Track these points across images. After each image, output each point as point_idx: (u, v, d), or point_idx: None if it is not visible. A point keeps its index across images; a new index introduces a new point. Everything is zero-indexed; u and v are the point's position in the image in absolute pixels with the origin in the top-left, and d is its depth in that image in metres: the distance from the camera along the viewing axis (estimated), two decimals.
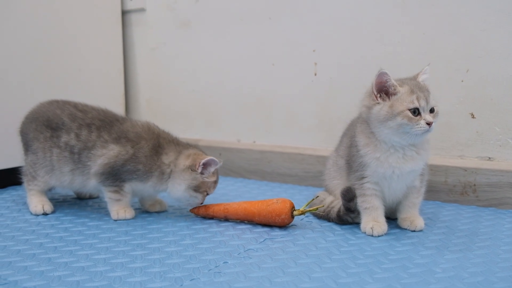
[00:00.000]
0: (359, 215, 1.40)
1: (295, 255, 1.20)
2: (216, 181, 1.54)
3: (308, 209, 1.42)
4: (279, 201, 1.42)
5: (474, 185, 1.62)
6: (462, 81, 1.67)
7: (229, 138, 2.22)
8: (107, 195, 1.50)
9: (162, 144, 1.52)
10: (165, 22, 2.33)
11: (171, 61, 2.34)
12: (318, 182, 1.83)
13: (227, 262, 1.16)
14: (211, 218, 1.52)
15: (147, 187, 1.51)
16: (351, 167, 1.40)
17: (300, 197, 1.76)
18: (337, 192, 1.47)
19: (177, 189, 1.49)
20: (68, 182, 1.54)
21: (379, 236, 1.33)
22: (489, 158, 1.65)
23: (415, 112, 1.26)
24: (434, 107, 1.30)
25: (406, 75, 1.39)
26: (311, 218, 1.52)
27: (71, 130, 1.51)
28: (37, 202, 1.56)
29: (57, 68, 2.04)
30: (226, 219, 1.50)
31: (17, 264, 1.15)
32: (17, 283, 1.04)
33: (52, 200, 1.65)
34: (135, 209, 1.57)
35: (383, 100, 1.30)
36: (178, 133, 1.63)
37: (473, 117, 1.67)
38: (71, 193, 1.80)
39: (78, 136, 1.50)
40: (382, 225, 1.35)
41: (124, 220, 1.50)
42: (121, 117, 1.59)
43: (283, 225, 1.42)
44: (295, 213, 1.41)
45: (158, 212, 1.60)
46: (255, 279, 1.06)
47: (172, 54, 2.33)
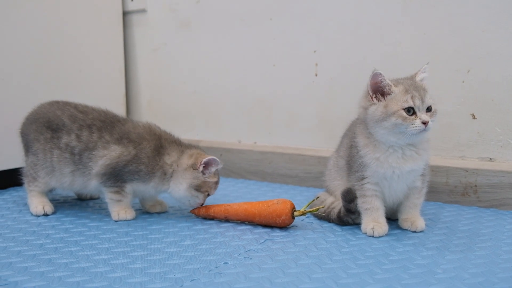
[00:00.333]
0: (359, 216, 1.40)
1: (296, 256, 1.20)
2: (217, 182, 1.54)
3: (309, 210, 1.41)
4: (279, 202, 1.41)
5: (475, 186, 1.62)
6: (463, 81, 1.67)
7: (229, 139, 2.22)
8: (108, 195, 1.50)
9: (164, 145, 1.52)
10: (166, 22, 2.33)
11: (172, 62, 2.34)
12: (319, 183, 1.83)
13: (227, 263, 1.16)
14: (212, 219, 1.52)
15: (149, 187, 1.51)
16: (351, 168, 1.40)
17: (301, 198, 1.76)
18: (337, 193, 1.47)
19: (178, 188, 1.49)
20: (69, 183, 1.54)
21: (379, 236, 1.33)
22: (490, 159, 1.65)
23: (410, 112, 1.26)
24: (431, 106, 1.29)
25: (406, 75, 1.39)
26: (312, 219, 1.52)
27: (71, 131, 1.51)
28: (38, 203, 1.56)
29: (58, 68, 2.04)
30: (227, 220, 1.50)
31: (17, 264, 1.15)
32: (17, 284, 1.04)
33: (52, 201, 1.65)
34: (136, 210, 1.57)
35: (378, 100, 1.30)
36: (179, 133, 1.63)
37: (474, 117, 1.66)
38: (71, 194, 1.80)
39: (79, 137, 1.50)
40: (382, 226, 1.35)
41: (124, 221, 1.50)
42: (122, 118, 1.59)
43: (283, 225, 1.42)
44: (295, 213, 1.41)
45: (159, 213, 1.60)
46: (255, 279, 1.06)
47: (173, 54, 2.33)
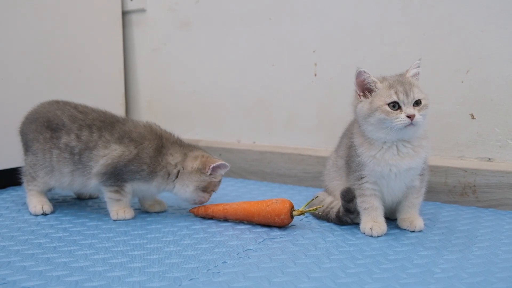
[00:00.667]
0: (358, 215, 1.40)
1: (294, 255, 1.20)
2: (220, 180, 1.57)
3: (308, 209, 1.41)
4: (278, 202, 1.41)
5: (474, 186, 1.62)
6: (462, 82, 1.67)
7: (229, 139, 2.22)
8: (107, 195, 1.50)
9: (166, 145, 1.53)
10: (165, 22, 2.33)
11: (172, 62, 2.34)
12: (318, 183, 1.83)
13: (226, 262, 1.16)
14: (211, 218, 1.52)
15: (151, 187, 1.52)
16: (350, 167, 1.40)
17: (300, 197, 1.76)
18: (336, 193, 1.47)
19: (185, 190, 1.51)
20: (68, 183, 1.54)
21: (378, 236, 1.33)
22: (489, 159, 1.65)
23: (395, 107, 1.26)
24: (421, 100, 1.28)
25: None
26: (311, 218, 1.52)
27: (71, 131, 1.51)
28: (37, 203, 1.56)
29: (57, 68, 2.04)
30: (226, 219, 1.50)
31: (16, 264, 1.15)
32: (15, 283, 1.04)
33: (51, 200, 1.65)
34: (135, 209, 1.57)
35: (366, 98, 1.31)
36: (179, 133, 1.63)
37: (473, 118, 1.66)
38: (70, 193, 1.80)
39: (78, 137, 1.50)
40: (381, 226, 1.35)
41: (123, 220, 1.50)
42: (122, 118, 1.59)
43: (282, 225, 1.42)
44: (294, 213, 1.41)
45: (158, 212, 1.60)
46: (254, 279, 1.06)
47: (173, 54, 2.33)
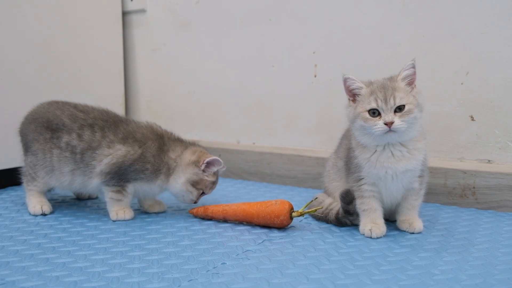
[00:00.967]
0: (357, 217, 1.40)
1: (294, 257, 1.20)
2: (214, 183, 1.55)
3: (307, 210, 1.41)
4: (278, 203, 1.41)
5: (474, 187, 1.62)
6: (462, 83, 1.67)
7: (228, 140, 2.22)
8: (109, 195, 1.50)
9: (167, 143, 1.54)
10: (165, 23, 2.33)
11: (172, 62, 2.34)
12: (317, 184, 1.82)
13: (225, 263, 1.16)
14: (210, 219, 1.52)
15: (154, 186, 1.52)
16: (349, 169, 1.40)
17: (299, 198, 1.76)
18: (336, 194, 1.47)
19: (176, 182, 1.51)
20: (68, 182, 1.54)
21: (377, 238, 1.33)
22: (489, 160, 1.65)
23: (374, 113, 1.26)
24: (405, 105, 1.25)
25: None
26: (310, 219, 1.52)
27: (72, 130, 1.51)
28: (36, 203, 1.56)
29: (57, 68, 2.04)
30: (225, 220, 1.50)
31: (15, 264, 1.15)
32: (14, 283, 1.04)
33: (51, 200, 1.65)
34: (134, 210, 1.57)
35: (354, 102, 1.32)
36: (179, 134, 1.63)
37: (472, 119, 1.66)
38: (70, 193, 1.80)
39: (80, 136, 1.50)
40: (380, 227, 1.35)
41: (123, 220, 1.50)
42: (124, 117, 1.60)
43: (281, 226, 1.42)
44: (294, 214, 1.41)
45: (157, 213, 1.60)
46: (253, 280, 1.06)
47: (172, 55, 2.33)
